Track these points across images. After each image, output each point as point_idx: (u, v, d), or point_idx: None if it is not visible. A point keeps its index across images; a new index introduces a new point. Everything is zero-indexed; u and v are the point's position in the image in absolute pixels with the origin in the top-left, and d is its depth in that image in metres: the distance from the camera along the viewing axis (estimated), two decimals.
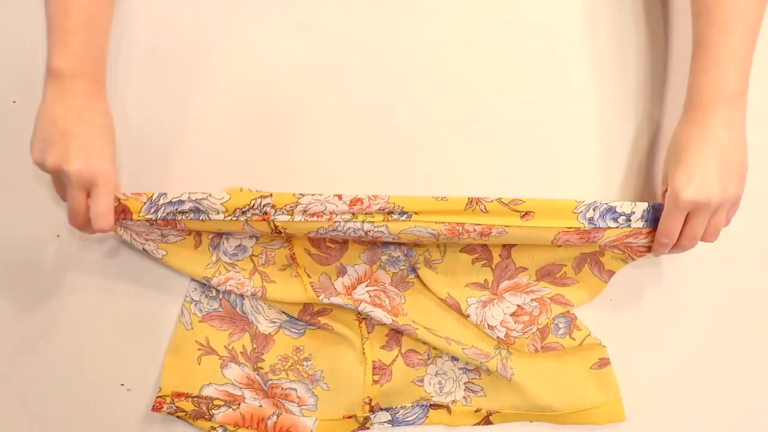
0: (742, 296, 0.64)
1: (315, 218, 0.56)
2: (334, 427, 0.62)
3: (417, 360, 0.63)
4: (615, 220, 0.56)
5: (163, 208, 0.56)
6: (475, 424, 0.63)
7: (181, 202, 0.56)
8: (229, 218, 0.56)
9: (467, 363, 0.62)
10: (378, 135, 0.64)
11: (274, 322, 0.63)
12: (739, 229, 0.64)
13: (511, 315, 0.62)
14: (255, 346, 0.63)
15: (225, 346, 0.62)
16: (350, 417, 0.62)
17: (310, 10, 0.64)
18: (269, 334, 0.63)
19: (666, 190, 0.56)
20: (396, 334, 0.63)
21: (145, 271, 0.63)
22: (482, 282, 0.63)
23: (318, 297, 0.60)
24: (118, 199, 0.56)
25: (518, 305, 0.62)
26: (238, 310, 0.63)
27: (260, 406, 0.61)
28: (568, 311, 0.63)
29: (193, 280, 0.62)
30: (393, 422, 0.63)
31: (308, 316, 0.62)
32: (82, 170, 0.53)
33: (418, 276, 0.63)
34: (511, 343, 0.61)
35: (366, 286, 0.63)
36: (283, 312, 0.63)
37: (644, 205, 0.56)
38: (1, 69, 0.64)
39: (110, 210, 0.55)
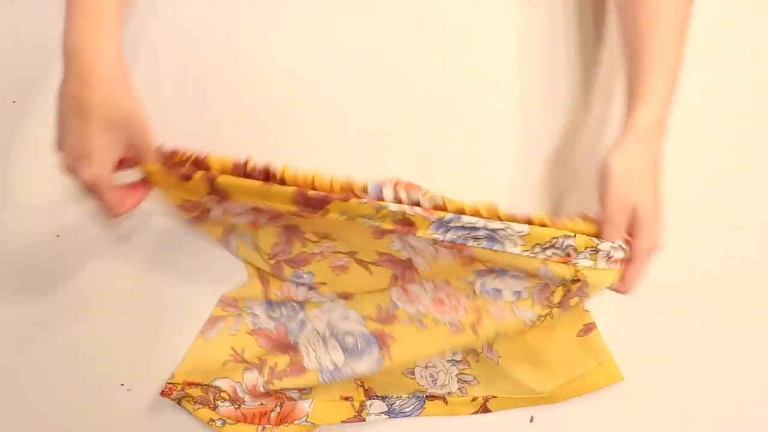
0: (742, 295, 0.64)
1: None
2: (329, 408, 0.62)
3: None
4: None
5: (453, 230, 0.51)
6: (473, 413, 0.63)
7: (475, 228, 0.50)
8: (526, 253, 0.50)
9: (454, 354, 0.62)
10: (377, 137, 0.64)
11: (321, 366, 0.60)
12: (739, 228, 0.64)
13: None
14: (288, 370, 0.60)
15: (258, 356, 0.61)
16: (347, 399, 0.61)
17: (308, 9, 0.64)
18: (309, 369, 0.61)
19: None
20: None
21: (145, 272, 0.63)
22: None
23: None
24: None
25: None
26: (291, 339, 0.61)
27: (261, 404, 0.61)
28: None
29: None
30: (389, 413, 0.62)
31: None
32: None
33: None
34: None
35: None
36: (335, 363, 0.60)
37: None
38: (1, 69, 0.64)
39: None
